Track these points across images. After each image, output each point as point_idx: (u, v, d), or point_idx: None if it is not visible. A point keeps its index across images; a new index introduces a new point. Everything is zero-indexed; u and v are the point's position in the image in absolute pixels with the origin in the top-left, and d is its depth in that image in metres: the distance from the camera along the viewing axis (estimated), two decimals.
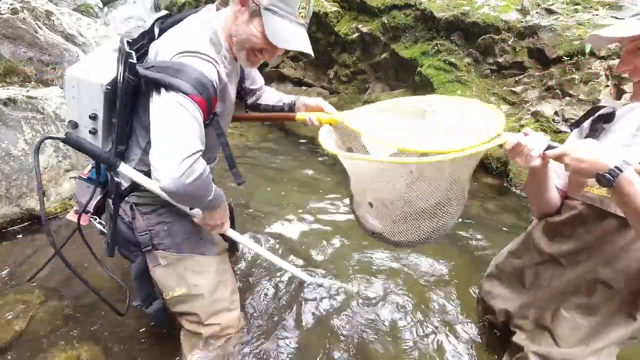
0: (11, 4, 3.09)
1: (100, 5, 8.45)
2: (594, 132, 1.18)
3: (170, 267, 1.30)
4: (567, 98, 3.24)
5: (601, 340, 1.17)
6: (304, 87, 5.83)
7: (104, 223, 1.33)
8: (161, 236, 1.28)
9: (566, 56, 3.37)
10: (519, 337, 1.34)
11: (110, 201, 1.26)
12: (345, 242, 2.14)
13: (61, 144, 2.28)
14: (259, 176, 2.99)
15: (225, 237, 1.51)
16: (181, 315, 1.37)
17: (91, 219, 1.32)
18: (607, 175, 0.88)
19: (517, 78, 3.65)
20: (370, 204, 1.28)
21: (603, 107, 1.20)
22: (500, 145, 1.02)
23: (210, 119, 1.11)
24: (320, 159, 3.44)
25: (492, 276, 1.55)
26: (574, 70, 3.29)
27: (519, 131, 1.05)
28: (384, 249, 2.06)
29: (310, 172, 3.13)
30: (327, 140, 1.19)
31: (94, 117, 1.15)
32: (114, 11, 7.94)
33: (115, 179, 1.23)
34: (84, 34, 3.80)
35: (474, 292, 1.81)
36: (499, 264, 1.52)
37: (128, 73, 1.05)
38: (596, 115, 1.20)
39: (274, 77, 6.13)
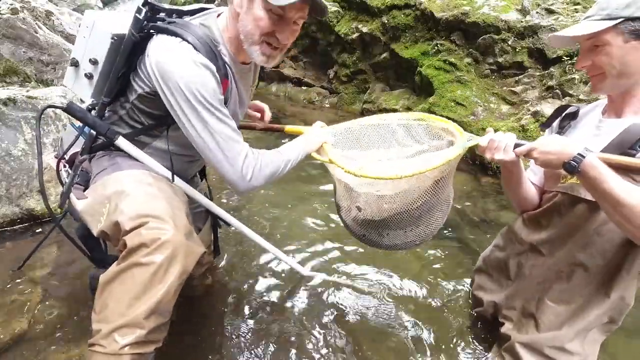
0: (11, 4, 3.09)
1: (100, 5, 8.47)
2: (562, 130, 1.29)
3: (92, 192, 1.14)
4: (567, 98, 3.24)
5: (581, 321, 1.20)
6: (304, 87, 5.82)
7: (68, 172, 1.27)
8: (90, 170, 1.21)
9: (566, 56, 3.37)
10: (506, 328, 1.38)
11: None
12: (340, 240, 2.15)
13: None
14: None
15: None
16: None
17: (62, 166, 1.29)
18: (572, 162, 0.98)
19: (517, 78, 3.65)
20: (359, 208, 1.38)
21: (569, 106, 1.32)
22: (472, 148, 1.20)
23: None
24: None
25: (480, 270, 1.61)
26: (574, 70, 3.30)
27: (519, 131, 1.12)
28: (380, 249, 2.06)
29: (303, 173, 3.13)
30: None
31: (94, 62, 1.16)
32: (114, 11, 7.95)
33: (92, 132, 1.20)
34: None
35: (468, 288, 1.83)
36: (485, 258, 1.59)
37: (132, 27, 1.06)
38: (563, 114, 1.32)
39: (274, 77, 6.11)
